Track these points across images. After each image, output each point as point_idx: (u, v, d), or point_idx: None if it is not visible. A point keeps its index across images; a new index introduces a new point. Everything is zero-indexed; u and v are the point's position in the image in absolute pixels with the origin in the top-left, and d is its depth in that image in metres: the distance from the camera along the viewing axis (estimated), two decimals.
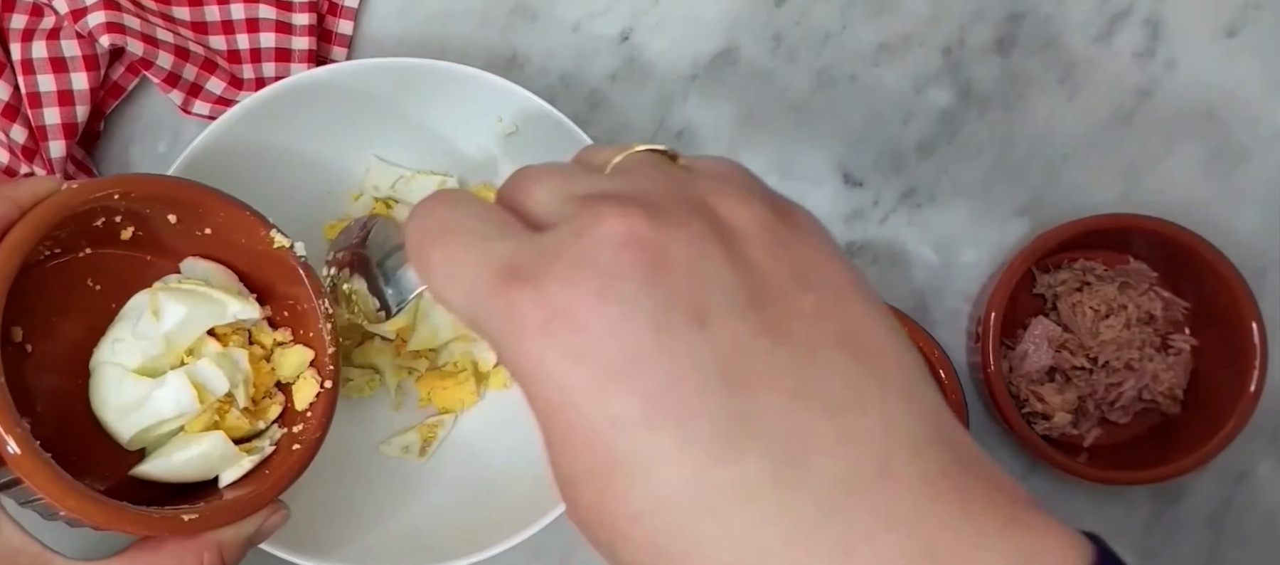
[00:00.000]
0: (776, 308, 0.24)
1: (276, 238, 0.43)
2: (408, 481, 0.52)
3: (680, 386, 0.23)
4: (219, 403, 0.42)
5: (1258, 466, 0.55)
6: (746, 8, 0.56)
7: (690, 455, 0.23)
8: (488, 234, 0.26)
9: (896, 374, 0.25)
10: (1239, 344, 0.51)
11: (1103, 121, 0.56)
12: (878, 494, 0.23)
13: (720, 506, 0.23)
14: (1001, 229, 0.56)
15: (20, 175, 0.51)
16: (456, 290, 0.26)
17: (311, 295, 0.44)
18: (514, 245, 0.25)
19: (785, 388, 0.24)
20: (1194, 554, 0.55)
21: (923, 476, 0.23)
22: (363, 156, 0.53)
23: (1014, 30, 0.56)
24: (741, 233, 0.25)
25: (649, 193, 0.26)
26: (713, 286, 0.24)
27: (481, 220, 0.27)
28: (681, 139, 0.55)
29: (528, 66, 0.55)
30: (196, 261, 0.44)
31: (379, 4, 0.55)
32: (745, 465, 0.23)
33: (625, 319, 0.23)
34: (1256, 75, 0.56)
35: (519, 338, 0.24)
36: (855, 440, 0.23)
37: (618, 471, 0.24)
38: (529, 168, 0.29)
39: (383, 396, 0.54)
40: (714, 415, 0.23)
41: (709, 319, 0.24)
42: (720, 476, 0.23)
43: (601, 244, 0.24)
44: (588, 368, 0.24)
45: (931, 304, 0.56)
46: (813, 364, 0.24)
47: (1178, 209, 0.55)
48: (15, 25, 0.50)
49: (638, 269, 0.24)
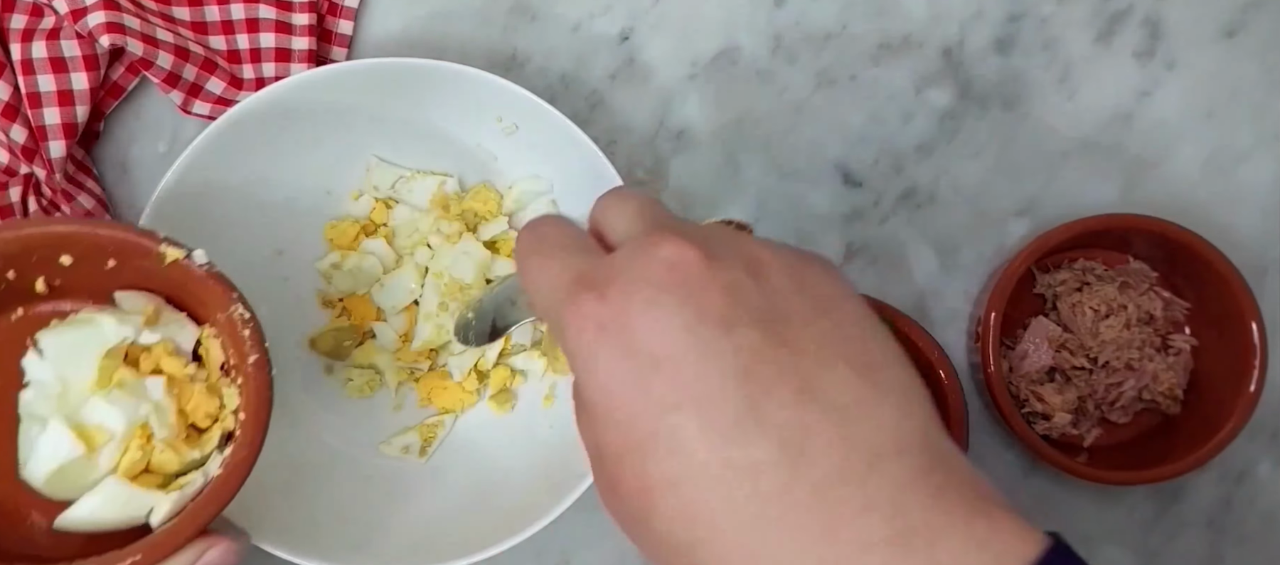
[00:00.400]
0: (794, 326, 0.29)
1: (168, 252, 0.40)
2: (408, 481, 0.52)
3: (706, 380, 0.28)
4: (139, 439, 0.40)
5: (1258, 466, 0.55)
6: (746, 8, 0.56)
7: (710, 437, 0.28)
8: (571, 249, 0.33)
9: (893, 387, 0.29)
10: (1239, 344, 0.51)
11: (1103, 121, 0.56)
12: (864, 485, 0.27)
13: (733, 481, 0.28)
14: (1001, 229, 0.56)
15: (20, 175, 0.51)
16: (541, 292, 0.33)
17: (224, 301, 0.41)
18: (590, 261, 0.32)
19: (794, 388, 0.28)
20: (1194, 554, 0.55)
21: (905, 473, 0.28)
22: (363, 156, 0.53)
23: (1014, 30, 0.56)
24: (771, 266, 0.30)
25: (705, 235, 0.31)
26: (741, 304, 0.29)
27: (571, 238, 0.34)
28: (681, 139, 0.55)
29: (528, 66, 0.55)
30: (126, 294, 0.43)
31: (379, 4, 0.55)
32: (756, 448, 0.28)
33: (666, 323, 0.29)
34: (1256, 75, 0.56)
35: (581, 332, 0.30)
36: (850, 439, 0.28)
37: (656, 446, 0.28)
38: (616, 191, 0.36)
39: (383, 397, 0.54)
40: (733, 403, 0.28)
41: (735, 328, 0.29)
42: (735, 456, 0.28)
43: (656, 264, 0.30)
44: (634, 361, 0.29)
45: (931, 304, 0.56)
46: (820, 372, 0.29)
47: (1178, 209, 0.55)
48: (15, 25, 0.50)
49: (681, 286, 0.29)
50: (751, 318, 0.29)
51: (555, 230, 0.34)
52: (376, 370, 0.53)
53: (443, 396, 0.53)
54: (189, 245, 0.41)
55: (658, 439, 0.28)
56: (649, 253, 0.30)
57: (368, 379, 0.53)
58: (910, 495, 0.27)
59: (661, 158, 0.55)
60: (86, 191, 0.52)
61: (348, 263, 0.53)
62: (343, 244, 0.53)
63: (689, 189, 0.55)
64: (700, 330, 0.28)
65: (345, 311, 0.53)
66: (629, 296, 0.29)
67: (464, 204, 0.53)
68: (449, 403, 0.53)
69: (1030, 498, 0.55)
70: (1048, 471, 0.55)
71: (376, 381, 0.53)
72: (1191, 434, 0.52)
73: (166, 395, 0.41)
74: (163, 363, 0.41)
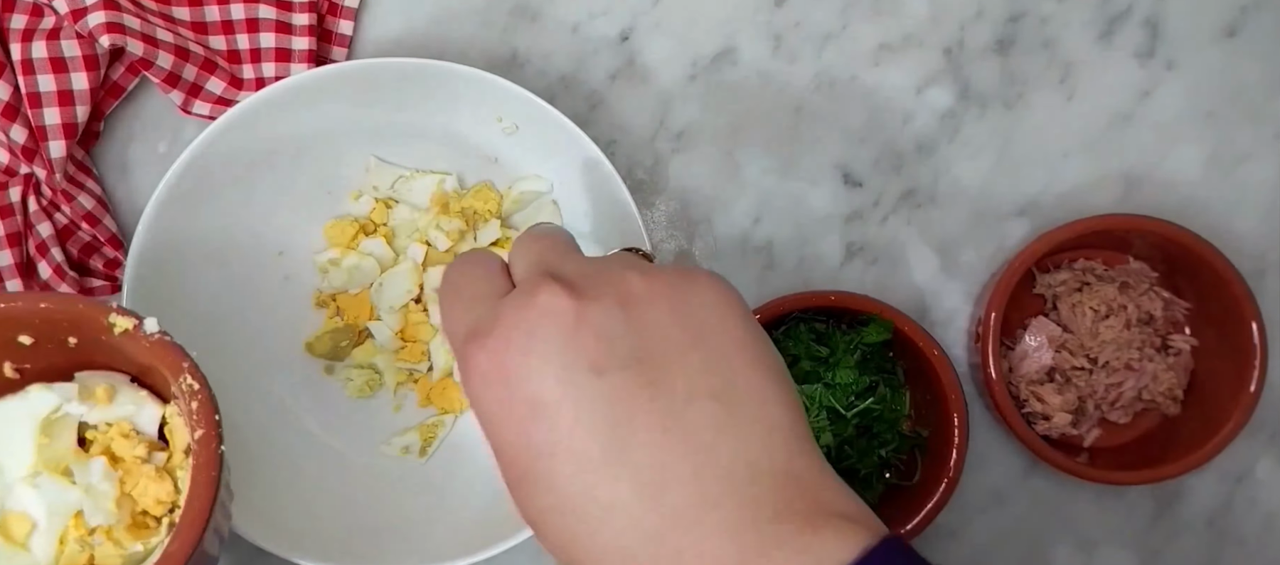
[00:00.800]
0: (663, 364, 0.31)
1: (117, 321, 0.37)
2: (408, 481, 0.52)
3: (578, 426, 0.30)
4: (75, 530, 0.36)
5: (1258, 466, 0.55)
6: (746, 8, 0.56)
7: (581, 477, 0.30)
8: (475, 296, 0.34)
9: (757, 417, 0.31)
10: (1239, 344, 0.51)
11: (1103, 121, 0.56)
12: (715, 512, 0.30)
13: (598, 516, 0.30)
14: (1001, 229, 0.56)
15: (20, 175, 0.51)
16: (449, 337, 0.35)
17: (176, 370, 0.37)
18: (485, 309, 0.33)
19: (659, 427, 0.30)
20: (1194, 554, 0.55)
21: (755, 498, 0.30)
22: (363, 156, 0.52)
23: (1014, 30, 0.56)
24: (647, 300, 0.32)
25: (589, 275, 0.33)
26: (613, 347, 0.31)
27: (476, 282, 0.35)
28: (681, 139, 0.55)
29: (528, 66, 0.55)
30: (88, 374, 0.40)
31: (379, 4, 0.55)
32: (620, 485, 0.30)
33: (541, 370, 0.31)
34: (1256, 75, 0.56)
35: (469, 380, 0.32)
36: (705, 470, 0.30)
37: (536, 482, 0.31)
38: (527, 232, 0.37)
39: (383, 397, 0.54)
40: (601, 445, 0.30)
41: (605, 373, 0.31)
42: (601, 493, 0.30)
43: (532, 310, 0.32)
44: (514, 408, 0.31)
45: (931, 304, 0.56)
46: (685, 408, 0.31)
47: (1178, 209, 0.55)
48: (15, 25, 0.50)
49: (555, 332, 0.31)
50: (622, 360, 0.31)
51: (466, 276, 0.35)
52: (376, 370, 0.53)
53: (442, 397, 0.53)
54: (142, 314, 0.38)
55: (536, 477, 0.31)
56: (526, 300, 0.32)
57: (367, 380, 0.53)
58: (755, 519, 0.29)
59: (661, 158, 0.55)
60: (86, 191, 0.52)
61: (346, 261, 0.53)
62: (342, 243, 0.53)
63: (689, 189, 0.55)
64: (573, 377, 0.30)
65: (340, 311, 0.53)
66: (508, 343, 0.31)
67: (464, 202, 0.53)
68: (448, 403, 0.53)
69: (1030, 497, 0.55)
70: (1048, 471, 0.55)
71: (376, 382, 0.53)
72: (1191, 434, 0.52)
73: (105, 479, 0.37)
74: (114, 444, 0.39)
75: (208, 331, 0.49)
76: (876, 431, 0.52)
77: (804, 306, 0.51)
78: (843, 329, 0.53)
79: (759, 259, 0.56)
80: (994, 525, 0.55)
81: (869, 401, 0.52)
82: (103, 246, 0.53)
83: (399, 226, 0.53)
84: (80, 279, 0.51)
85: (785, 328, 0.53)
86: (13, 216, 0.51)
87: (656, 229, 0.55)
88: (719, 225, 0.55)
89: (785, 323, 0.53)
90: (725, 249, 0.55)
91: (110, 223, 0.53)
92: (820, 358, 0.52)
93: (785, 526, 0.29)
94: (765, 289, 0.55)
